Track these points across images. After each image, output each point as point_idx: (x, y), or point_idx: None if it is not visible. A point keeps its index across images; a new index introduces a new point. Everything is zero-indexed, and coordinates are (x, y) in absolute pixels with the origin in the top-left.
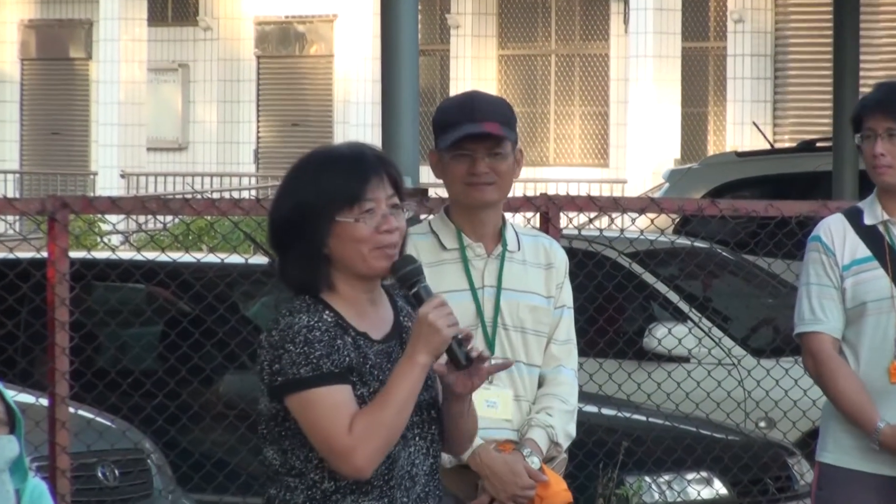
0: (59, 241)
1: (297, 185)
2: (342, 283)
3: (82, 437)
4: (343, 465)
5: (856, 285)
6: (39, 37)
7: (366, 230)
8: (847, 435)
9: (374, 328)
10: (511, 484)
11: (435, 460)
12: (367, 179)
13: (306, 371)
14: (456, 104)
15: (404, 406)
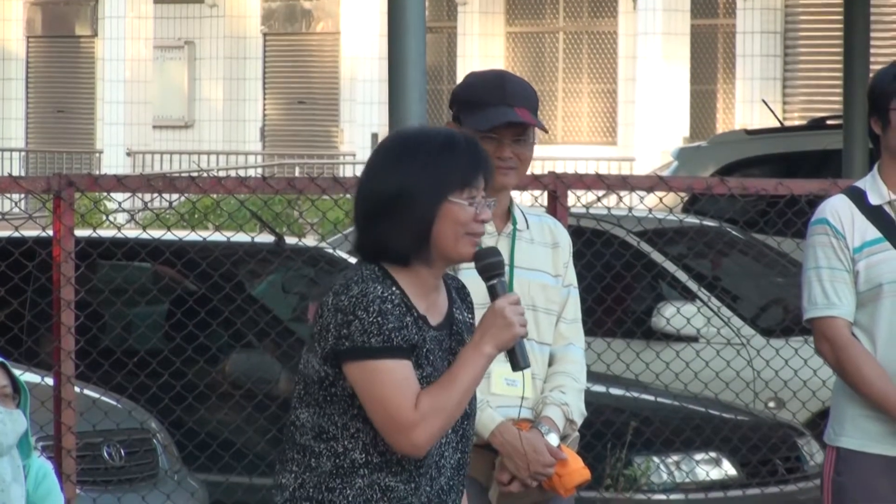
0: (65, 219)
1: (414, 160)
2: (423, 263)
3: (88, 416)
4: (402, 438)
5: (869, 268)
6: (45, 14)
7: (469, 213)
8: (869, 420)
9: (432, 313)
10: (532, 461)
11: (462, 456)
12: (480, 168)
13: (377, 341)
14: (487, 84)
15: (467, 391)
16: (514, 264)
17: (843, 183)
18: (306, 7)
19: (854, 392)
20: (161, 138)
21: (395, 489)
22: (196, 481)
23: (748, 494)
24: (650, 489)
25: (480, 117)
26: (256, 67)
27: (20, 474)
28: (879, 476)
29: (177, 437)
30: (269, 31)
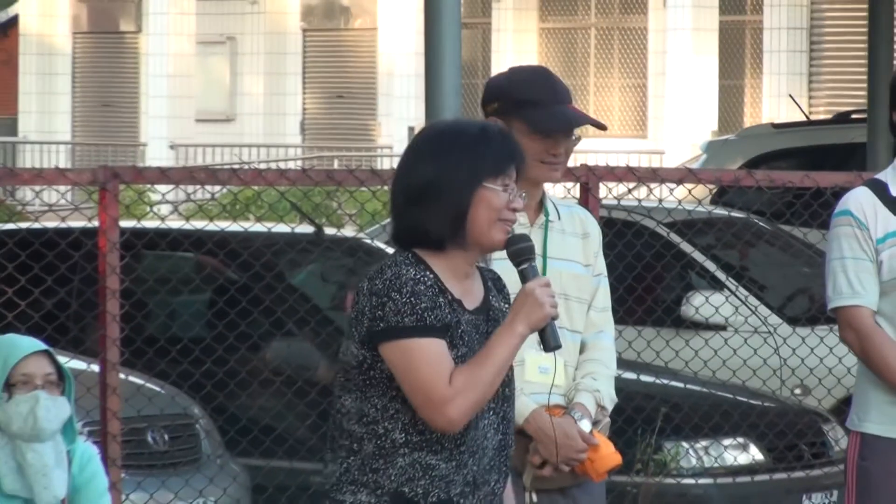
0: (110, 210)
1: (450, 149)
2: (458, 249)
3: (132, 402)
4: (437, 414)
5: (893, 258)
6: (91, 11)
7: (503, 200)
8: (892, 405)
9: (467, 298)
10: (565, 447)
11: (504, 437)
12: (513, 157)
13: (410, 321)
14: (537, 82)
15: (501, 368)
16: (546, 255)
17: (867, 176)
18: (345, 4)
19: (878, 379)
20: (203, 132)
21: (436, 467)
22: (238, 465)
23: (775, 479)
24: (679, 474)
25: (543, 116)
26: (296, 63)
27: (63, 459)
28: None
29: (219, 423)
30: (309, 28)
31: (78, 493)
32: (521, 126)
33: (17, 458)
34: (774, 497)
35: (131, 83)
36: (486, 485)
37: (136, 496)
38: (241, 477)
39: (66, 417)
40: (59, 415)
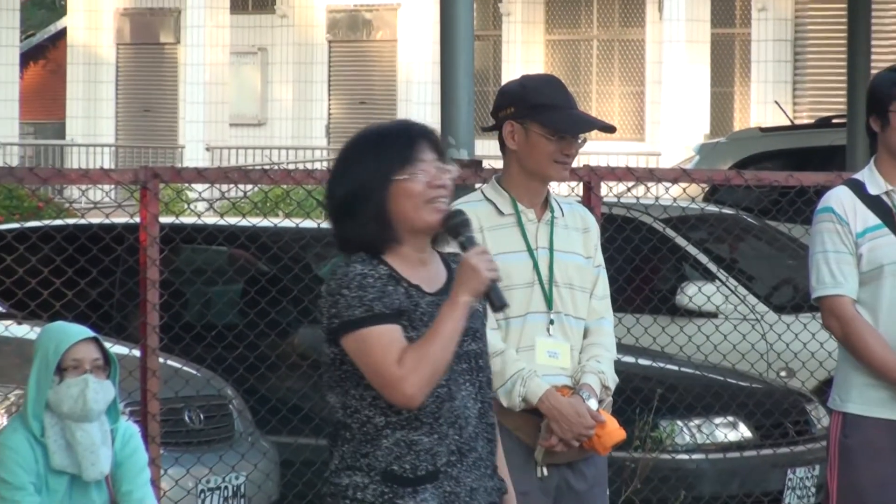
0: (151, 207)
1: (356, 159)
2: (398, 241)
3: (171, 384)
4: (394, 394)
5: (871, 251)
6: (133, 24)
7: (419, 185)
8: (871, 387)
9: (426, 282)
10: (577, 424)
11: (483, 405)
12: (415, 144)
13: (360, 312)
14: (550, 88)
15: (449, 341)
16: (553, 248)
17: (846, 175)
18: (367, 17)
19: (859, 363)
20: (237, 135)
21: (419, 442)
22: (267, 442)
23: (762, 454)
24: (674, 450)
25: (561, 118)
26: (322, 71)
27: (108, 437)
28: (882, 438)
29: (250, 403)
30: (334, 39)
31: (120, 467)
32: (538, 128)
33: (67, 436)
34: (761, 471)
35: (170, 90)
36: (473, 451)
37: (174, 471)
38: (270, 453)
39: (111, 399)
40: (106, 397)
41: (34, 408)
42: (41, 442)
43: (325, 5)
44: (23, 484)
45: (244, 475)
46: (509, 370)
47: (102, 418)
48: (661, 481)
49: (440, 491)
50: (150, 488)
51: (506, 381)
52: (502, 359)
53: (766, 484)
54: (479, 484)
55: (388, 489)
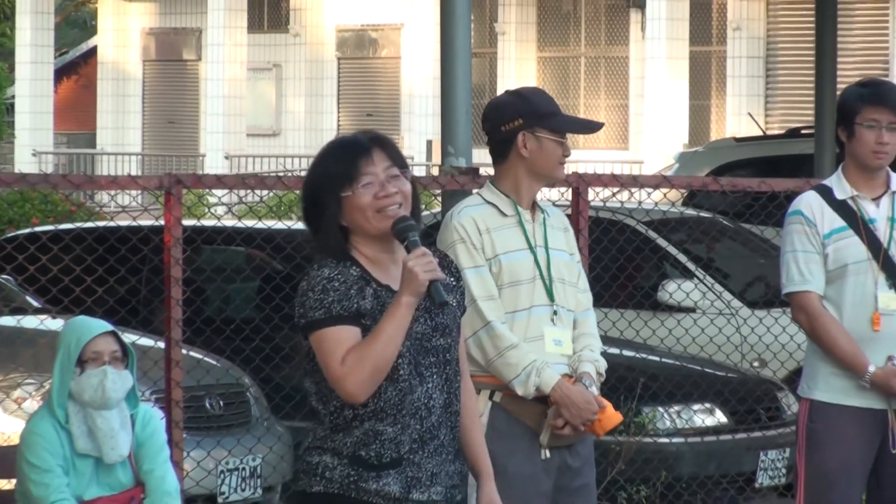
0: (174, 211)
1: (311, 174)
2: (362, 245)
3: (192, 373)
4: (339, 389)
5: (836, 251)
6: (158, 42)
7: (366, 198)
8: (836, 377)
9: (397, 282)
10: (586, 411)
11: (449, 396)
12: (358, 160)
13: (319, 314)
14: (545, 98)
15: (390, 340)
16: (547, 246)
17: (814, 182)
18: (373, 36)
19: (825, 354)
20: (253, 144)
21: (384, 432)
22: (282, 427)
23: (736, 438)
24: (656, 434)
25: (569, 122)
26: (332, 86)
27: (127, 423)
28: (846, 423)
29: (266, 391)
30: (343, 56)
31: (141, 447)
32: (548, 134)
33: (89, 423)
34: (736, 454)
35: (192, 103)
36: (435, 439)
37: (196, 453)
38: (284, 437)
39: (130, 387)
40: (124, 386)
41: (59, 397)
42: (66, 428)
43: (334, 25)
44: (51, 467)
45: (260, 457)
46: (523, 362)
47: (122, 405)
48: (644, 463)
49: (402, 476)
50: (171, 466)
51: (520, 373)
52: (517, 352)
53: (740, 465)
54: (440, 469)
55: (354, 472)
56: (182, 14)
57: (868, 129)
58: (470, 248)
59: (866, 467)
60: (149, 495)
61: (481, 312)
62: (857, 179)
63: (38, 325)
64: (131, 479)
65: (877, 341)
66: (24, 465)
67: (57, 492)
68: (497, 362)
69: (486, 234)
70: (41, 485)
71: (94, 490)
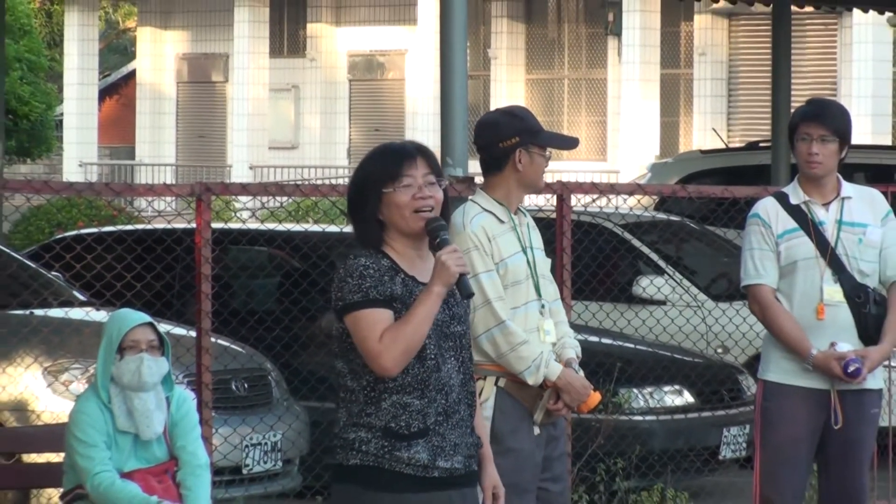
0: (204, 215)
1: (359, 170)
2: (394, 240)
3: (220, 359)
4: (374, 365)
5: (788, 249)
6: (190, 66)
7: (404, 197)
8: (786, 360)
9: (421, 274)
10: (583, 395)
11: (464, 376)
12: (402, 162)
13: (358, 297)
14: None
15: (421, 323)
16: (533, 246)
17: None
18: (380, 60)
19: (776, 339)
20: (274, 157)
21: (411, 404)
22: (300, 407)
23: (702, 416)
24: (631, 412)
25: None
26: (344, 105)
27: (163, 404)
28: (794, 402)
29: (286, 375)
30: (354, 78)
31: (176, 426)
32: (538, 149)
33: (128, 403)
34: (702, 430)
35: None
36: (457, 413)
37: (223, 430)
38: (302, 416)
39: (165, 373)
40: (159, 371)
41: (102, 380)
42: (108, 408)
43: (346, 51)
44: (95, 442)
45: (280, 433)
46: (532, 355)
47: (158, 388)
48: (621, 438)
49: (430, 445)
50: (201, 443)
51: (530, 365)
52: (528, 347)
53: (705, 440)
54: (461, 440)
55: (388, 443)
56: (211, 41)
57: (802, 142)
58: (483, 254)
59: (814, 442)
60: (182, 468)
61: (495, 312)
62: (809, 187)
63: (83, 317)
64: (166, 454)
65: (822, 329)
66: (72, 440)
67: (101, 464)
68: (510, 356)
69: (493, 240)
70: (87, 458)
71: (132, 463)
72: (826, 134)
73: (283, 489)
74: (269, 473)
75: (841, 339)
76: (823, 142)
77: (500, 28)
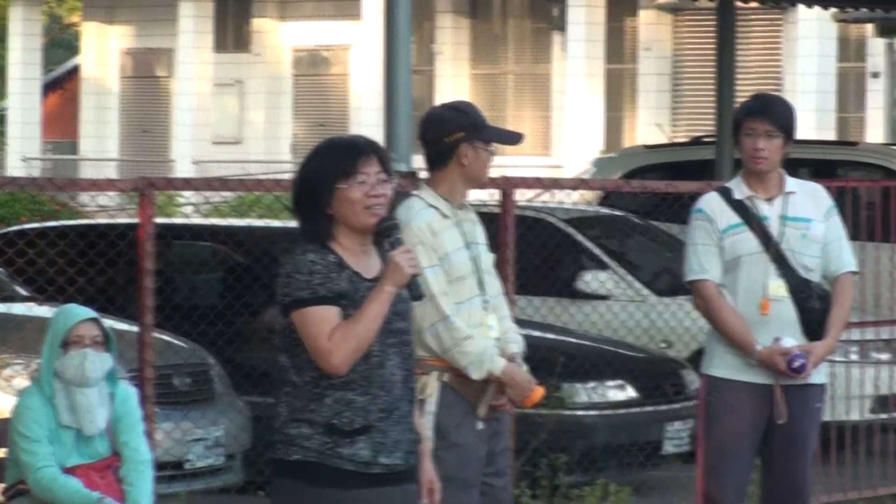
0: (147, 210)
1: (310, 163)
2: (342, 235)
3: (163, 354)
4: (323, 362)
5: (732, 244)
6: (134, 61)
7: (358, 194)
8: (729, 354)
9: (366, 270)
10: (527, 389)
11: (406, 372)
12: (358, 159)
13: (306, 294)
14: (477, 111)
15: (372, 322)
16: (476, 241)
17: (715, 184)
18: (325, 55)
19: (719, 334)
20: (218, 151)
21: (355, 401)
22: (241, 402)
23: (645, 411)
24: (574, 407)
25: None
26: (288, 100)
27: (106, 399)
28: (738, 396)
29: (228, 370)
30: (298, 73)
31: (119, 422)
32: (483, 144)
33: (71, 398)
34: (645, 425)
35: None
36: (398, 410)
37: (165, 425)
38: (244, 410)
39: (109, 368)
40: (103, 367)
41: (46, 374)
42: (52, 403)
43: (290, 46)
44: (38, 437)
45: (222, 428)
46: (476, 350)
47: (101, 384)
48: (563, 433)
49: (372, 441)
50: (144, 438)
51: (474, 360)
52: (472, 342)
53: (648, 435)
54: (402, 436)
55: (331, 439)
56: (156, 36)
57: (747, 137)
58: (428, 249)
59: (757, 437)
60: (124, 463)
61: (439, 307)
62: (753, 182)
63: (25, 312)
64: (108, 449)
65: (766, 324)
66: (15, 435)
67: (43, 459)
68: (453, 351)
69: (437, 235)
70: (29, 453)
71: (74, 458)
72: (772, 129)
73: (225, 484)
74: (212, 468)
75: (785, 334)
76: (769, 137)
77: (444, 23)
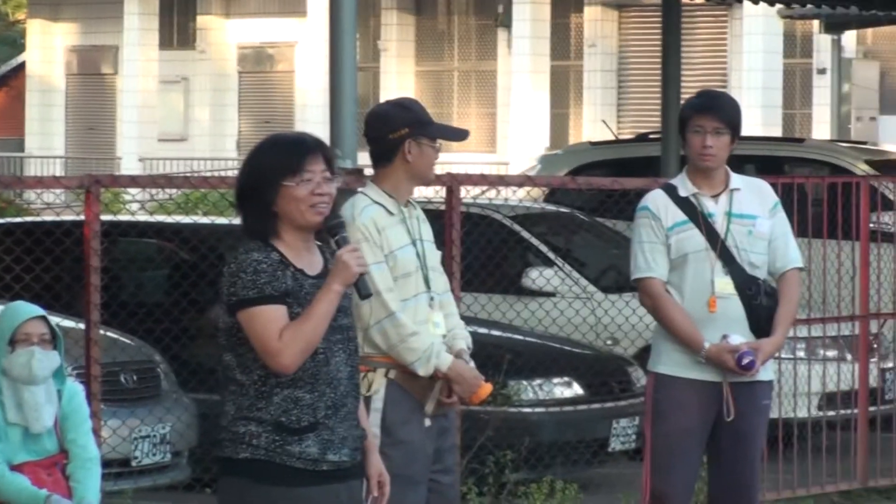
0: (93, 207)
1: (255, 160)
2: (285, 232)
3: (109, 351)
4: (273, 362)
5: (678, 242)
6: (80, 58)
7: (304, 192)
8: (676, 352)
9: (309, 267)
10: (474, 385)
11: (352, 369)
12: (305, 156)
13: (253, 293)
14: (422, 107)
15: (321, 321)
16: (423, 238)
17: (661, 181)
18: (270, 53)
19: (667, 332)
20: (164, 148)
21: (302, 398)
22: (188, 399)
23: (592, 408)
24: (520, 404)
25: (444, 131)
26: (234, 97)
27: (53, 397)
28: (686, 394)
29: (174, 367)
30: (243, 70)
31: (66, 419)
32: (429, 141)
33: (18, 396)
34: (592, 422)
35: (110, 112)
36: (345, 406)
37: (112, 422)
38: (190, 408)
39: (56, 366)
40: (50, 365)
41: None
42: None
43: (235, 43)
44: None
45: (169, 425)
46: (423, 346)
47: (49, 381)
48: (510, 430)
49: (319, 438)
50: (92, 436)
51: (421, 356)
52: (418, 338)
53: (594, 432)
54: (348, 433)
55: (279, 437)
56: (101, 33)
57: (694, 134)
58: (373, 245)
59: (705, 434)
60: (72, 461)
61: (385, 304)
62: (698, 179)
63: None
64: (56, 447)
65: (713, 321)
66: None
67: None
68: (400, 347)
69: (383, 232)
70: None
71: (22, 455)
72: (720, 126)
73: (172, 481)
74: (158, 466)
75: (732, 331)
76: (717, 134)
77: (389, 20)
